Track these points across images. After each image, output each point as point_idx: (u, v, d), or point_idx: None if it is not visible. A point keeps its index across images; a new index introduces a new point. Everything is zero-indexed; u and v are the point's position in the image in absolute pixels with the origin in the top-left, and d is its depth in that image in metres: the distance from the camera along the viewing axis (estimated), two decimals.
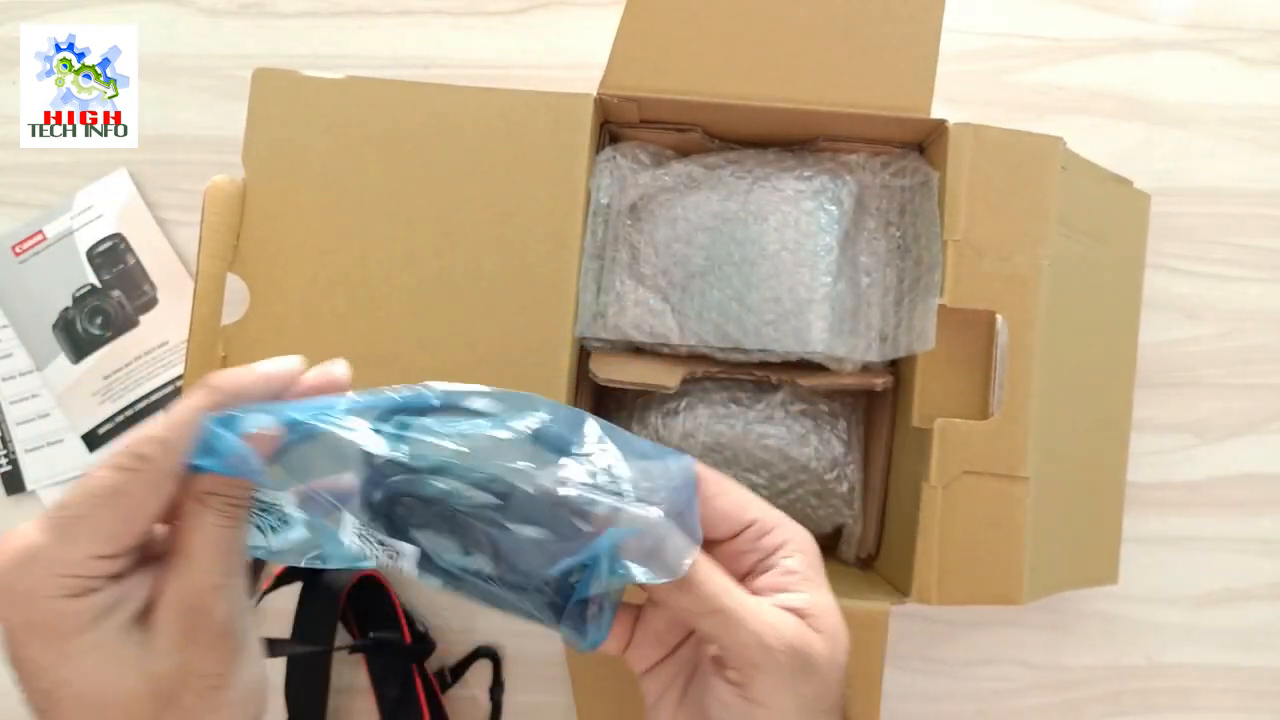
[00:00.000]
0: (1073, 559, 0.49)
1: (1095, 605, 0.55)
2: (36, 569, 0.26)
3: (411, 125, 0.45)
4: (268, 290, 0.45)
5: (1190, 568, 0.55)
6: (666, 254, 0.48)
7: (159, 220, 0.58)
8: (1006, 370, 0.44)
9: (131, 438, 0.27)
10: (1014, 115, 0.57)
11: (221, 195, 0.44)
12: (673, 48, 0.45)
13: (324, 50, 0.58)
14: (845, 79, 0.44)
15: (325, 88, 0.45)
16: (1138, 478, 0.54)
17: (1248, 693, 0.55)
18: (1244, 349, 0.56)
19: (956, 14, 0.45)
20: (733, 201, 0.48)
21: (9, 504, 0.57)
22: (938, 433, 0.43)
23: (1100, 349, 0.50)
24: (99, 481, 0.26)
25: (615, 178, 0.48)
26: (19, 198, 0.58)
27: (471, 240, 0.45)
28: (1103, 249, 0.49)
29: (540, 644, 0.55)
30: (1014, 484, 0.43)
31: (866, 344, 0.47)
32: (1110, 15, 0.57)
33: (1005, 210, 0.44)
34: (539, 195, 0.45)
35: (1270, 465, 0.56)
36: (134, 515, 0.27)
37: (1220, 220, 0.57)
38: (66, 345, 0.57)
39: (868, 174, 0.49)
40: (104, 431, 0.56)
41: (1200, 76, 0.57)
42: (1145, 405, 0.54)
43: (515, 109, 0.45)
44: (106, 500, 0.26)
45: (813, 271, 0.47)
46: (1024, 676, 0.55)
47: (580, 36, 0.57)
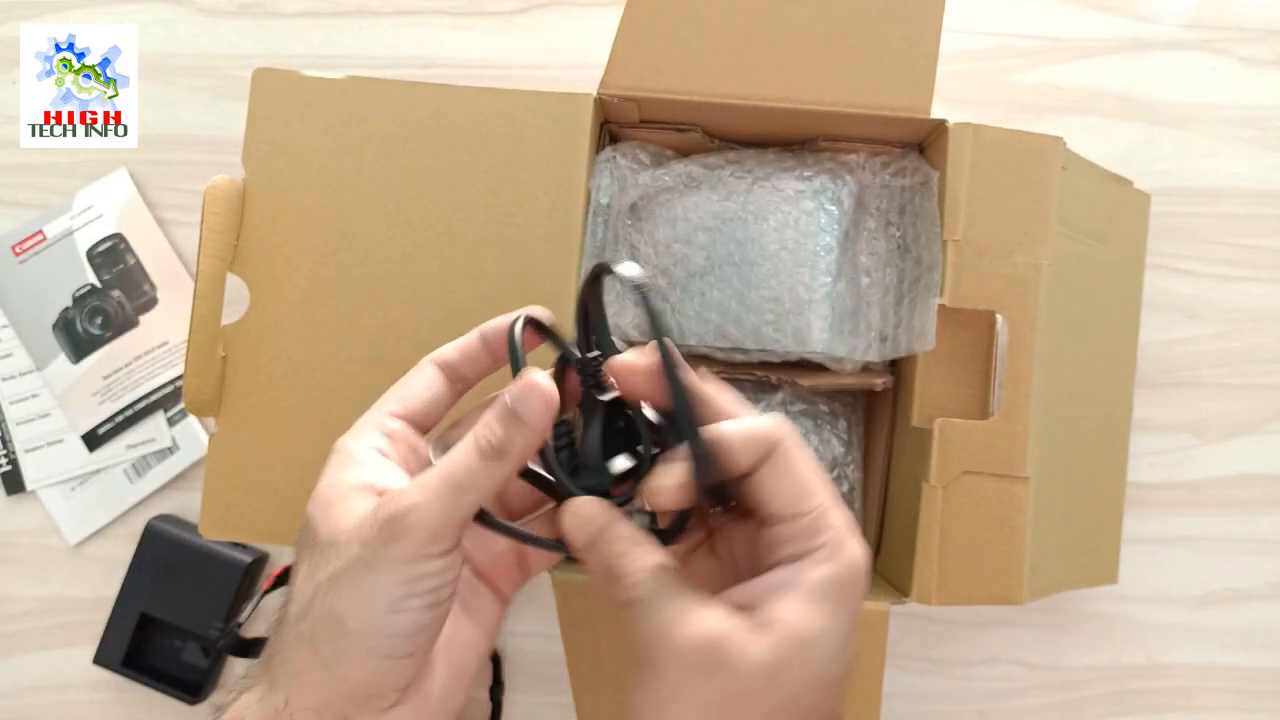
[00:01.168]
0: (1073, 559, 0.49)
1: (1095, 605, 0.55)
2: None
3: (411, 125, 0.45)
4: (268, 290, 0.45)
5: (1190, 568, 0.55)
6: (666, 254, 0.48)
7: (159, 220, 0.58)
8: (1006, 370, 0.44)
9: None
10: (1014, 115, 0.57)
11: (221, 195, 0.44)
12: (673, 48, 0.45)
13: (324, 50, 0.58)
14: (845, 79, 0.44)
15: (325, 88, 0.45)
16: (1138, 478, 0.54)
17: (1248, 693, 0.55)
18: (1244, 349, 0.56)
19: (956, 14, 0.45)
20: (733, 201, 0.48)
21: (9, 504, 0.57)
22: (938, 433, 0.43)
23: (1100, 349, 0.50)
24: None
25: (615, 178, 0.48)
26: (19, 198, 0.58)
27: (471, 240, 0.45)
28: (1103, 249, 0.49)
29: (540, 644, 0.55)
30: (1014, 484, 0.43)
31: (866, 344, 0.47)
32: (1110, 15, 0.57)
33: (1005, 210, 0.44)
34: (539, 195, 0.45)
35: (1270, 465, 0.56)
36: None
37: (1220, 220, 0.57)
38: (66, 345, 0.57)
39: (868, 174, 0.49)
40: (104, 431, 0.56)
41: (1200, 76, 0.57)
42: (1145, 405, 0.54)
43: (515, 109, 0.45)
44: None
45: (813, 271, 0.47)
46: (1024, 676, 0.55)
47: (580, 36, 0.57)
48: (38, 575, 0.57)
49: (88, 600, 0.56)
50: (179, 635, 0.55)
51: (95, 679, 0.55)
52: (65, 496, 0.57)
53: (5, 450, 0.57)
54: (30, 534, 0.57)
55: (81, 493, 0.57)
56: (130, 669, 0.54)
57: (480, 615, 0.33)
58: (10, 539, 0.57)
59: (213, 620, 0.53)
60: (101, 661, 0.54)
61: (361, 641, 0.27)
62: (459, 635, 0.32)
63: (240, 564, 0.54)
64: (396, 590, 0.27)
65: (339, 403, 0.44)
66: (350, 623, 0.27)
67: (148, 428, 0.57)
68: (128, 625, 0.54)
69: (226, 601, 0.53)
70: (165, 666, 0.55)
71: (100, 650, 0.54)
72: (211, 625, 0.53)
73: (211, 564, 0.54)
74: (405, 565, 0.27)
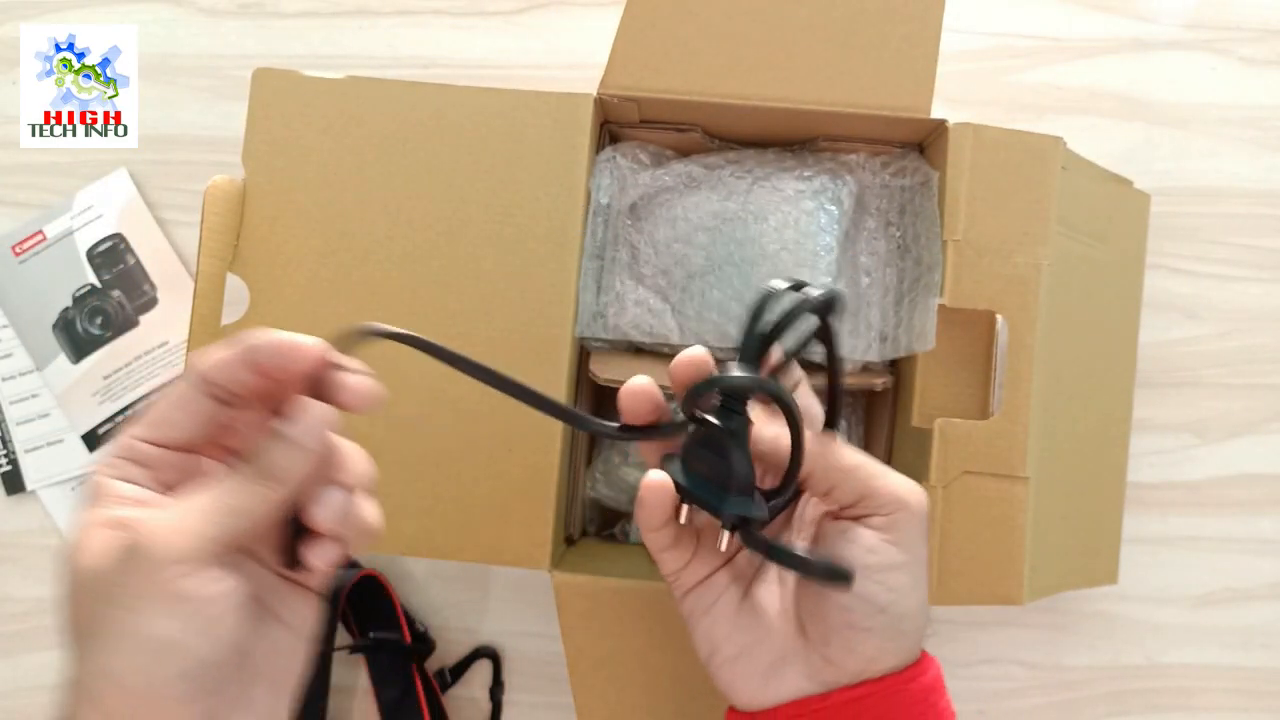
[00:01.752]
0: (1073, 559, 0.49)
1: (1095, 605, 0.55)
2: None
3: (411, 125, 0.45)
4: (268, 290, 0.45)
5: (1190, 568, 0.55)
6: (666, 254, 0.48)
7: (159, 220, 0.58)
8: (1006, 370, 0.44)
9: None
10: (1014, 115, 0.57)
11: (221, 195, 0.44)
12: (673, 48, 0.45)
13: (324, 50, 0.58)
14: (845, 79, 0.44)
15: (325, 88, 0.45)
16: (1138, 478, 0.54)
17: (1248, 693, 0.55)
18: (1244, 349, 0.56)
19: (956, 14, 0.45)
20: (733, 201, 0.48)
21: (9, 504, 0.57)
22: (938, 433, 0.43)
23: (1100, 349, 0.50)
24: None
25: (615, 178, 0.48)
26: (19, 198, 0.58)
27: (471, 240, 0.45)
28: (1103, 249, 0.49)
29: (540, 644, 0.55)
30: (1014, 484, 0.43)
31: (866, 344, 0.47)
32: (1110, 15, 0.57)
33: (1005, 210, 0.44)
34: (539, 195, 0.45)
35: (1270, 465, 0.56)
36: None
37: (1220, 220, 0.57)
38: (66, 345, 0.57)
39: (868, 174, 0.49)
40: (104, 431, 0.56)
41: (1200, 76, 0.57)
42: (1145, 405, 0.54)
43: (515, 109, 0.45)
44: None
45: (813, 271, 0.47)
46: (1024, 676, 0.55)
47: (580, 36, 0.57)
48: (38, 575, 0.57)
49: None
50: None
51: None
52: (65, 496, 0.57)
53: (5, 450, 0.57)
54: (30, 534, 0.57)
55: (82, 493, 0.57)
56: None
57: (293, 617, 0.31)
58: (10, 539, 0.57)
59: None
60: None
61: (146, 696, 0.25)
62: (274, 646, 0.30)
63: None
64: (159, 626, 0.25)
65: None
66: (127, 679, 0.25)
67: None
68: None
69: None
70: None
71: None
72: None
73: None
74: (154, 598, 0.25)
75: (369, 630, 0.53)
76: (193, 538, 0.26)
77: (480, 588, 0.55)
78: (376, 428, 0.44)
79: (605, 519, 0.55)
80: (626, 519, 0.54)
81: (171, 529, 0.26)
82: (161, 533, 0.26)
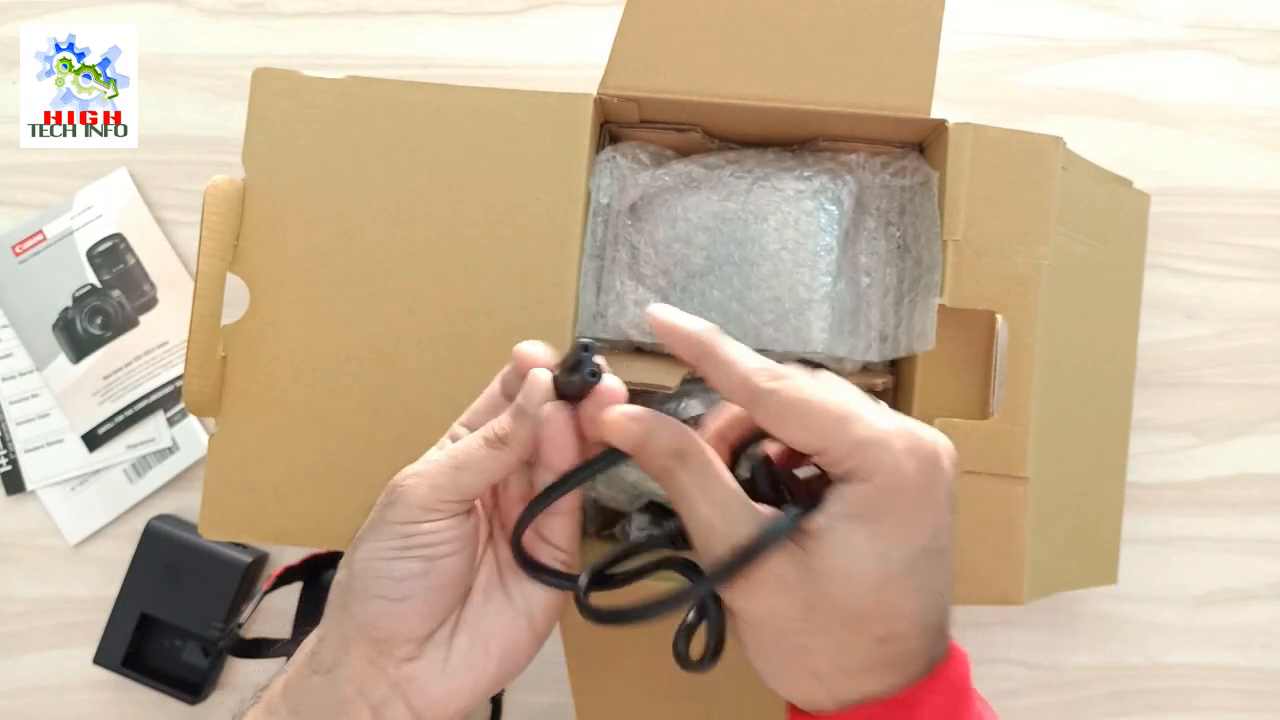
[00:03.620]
0: (1073, 559, 0.49)
1: (1095, 605, 0.55)
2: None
3: (411, 125, 0.45)
4: (268, 290, 0.45)
5: (1190, 568, 0.55)
6: (666, 254, 0.48)
7: (159, 220, 0.58)
8: (1006, 370, 0.44)
9: None
10: (1014, 115, 0.57)
11: (221, 195, 0.44)
12: (673, 48, 0.45)
13: (324, 50, 0.58)
14: (845, 79, 0.44)
15: (325, 88, 0.45)
16: (1138, 478, 0.54)
17: (1248, 693, 0.55)
18: (1244, 349, 0.56)
19: (956, 14, 0.45)
20: (733, 201, 0.48)
21: (9, 504, 0.57)
22: None
23: (1100, 349, 0.50)
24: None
25: (615, 178, 0.48)
26: (19, 198, 0.58)
27: (471, 240, 0.45)
28: (1103, 249, 0.49)
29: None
30: (1014, 484, 0.43)
31: (866, 344, 0.47)
32: (1110, 15, 0.57)
33: (1005, 210, 0.44)
34: (539, 195, 0.45)
35: (1270, 465, 0.56)
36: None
37: (1220, 220, 0.57)
38: (66, 345, 0.57)
39: (868, 174, 0.49)
40: (104, 431, 0.56)
41: (1200, 76, 0.57)
42: (1145, 405, 0.54)
43: (515, 109, 0.45)
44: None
45: (812, 271, 0.47)
46: (1024, 676, 0.55)
47: (580, 36, 0.57)
48: (38, 575, 0.57)
49: (88, 600, 0.56)
50: (179, 635, 0.55)
51: (95, 679, 0.55)
52: (65, 496, 0.57)
53: (5, 450, 0.57)
54: (30, 534, 0.57)
55: (81, 493, 0.57)
56: (130, 669, 0.54)
57: (523, 602, 0.34)
58: (10, 539, 0.57)
59: (213, 620, 0.53)
60: (101, 661, 0.54)
61: (360, 583, 0.32)
62: (494, 616, 0.34)
63: (240, 564, 0.54)
64: (390, 545, 0.32)
65: (339, 403, 0.44)
66: (355, 567, 0.32)
67: (148, 428, 0.57)
68: (128, 625, 0.54)
69: (226, 601, 0.53)
70: (165, 666, 0.55)
71: (100, 650, 0.54)
72: (211, 625, 0.53)
73: (211, 564, 0.54)
74: (398, 526, 0.32)
75: None
76: (428, 487, 0.32)
77: None
78: (378, 428, 0.44)
79: (605, 519, 0.55)
80: (626, 519, 0.54)
81: (418, 479, 0.32)
82: (410, 481, 0.32)
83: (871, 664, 0.29)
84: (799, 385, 0.29)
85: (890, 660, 0.29)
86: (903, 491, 0.28)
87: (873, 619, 0.28)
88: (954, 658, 0.31)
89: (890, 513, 0.28)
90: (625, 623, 0.30)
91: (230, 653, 0.49)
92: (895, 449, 0.28)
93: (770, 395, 0.29)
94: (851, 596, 0.28)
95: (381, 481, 0.33)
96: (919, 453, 0.28)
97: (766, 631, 0.30)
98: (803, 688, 0.30)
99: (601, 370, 0.31)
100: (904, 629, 0.29)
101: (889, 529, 0.28)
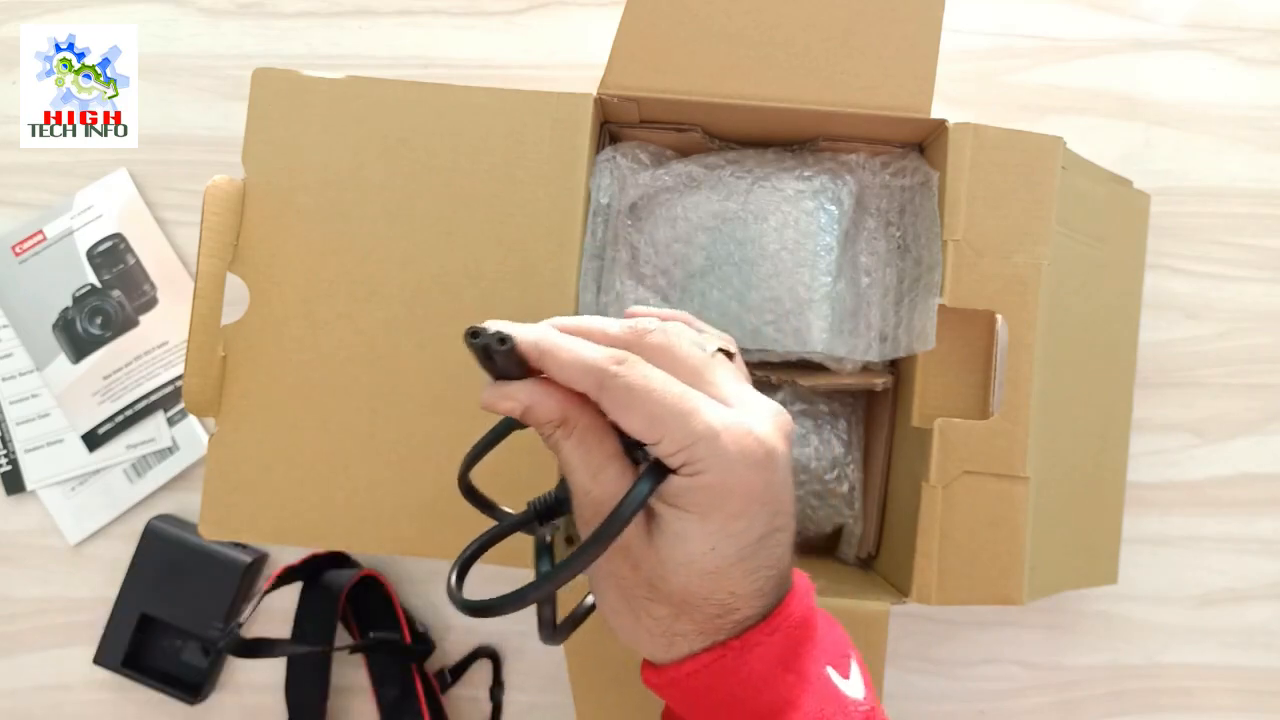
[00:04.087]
0: (1073, 559, 0.49)
1: (1095, 605, 0.55)
2: None
3: (411, 125, 0.45)
4: (268, 290, 0.45)
5: (1190, 568, 0.55)
6: (666, 254, 0.48)
7: (159, 220, 0.58)
8: (1006, 370, 0.44)
9: None
10: (1014, 115, 0.57)
11: (221, 195, 0.44)
12: (673, 48, 0.45)
13: (324, 50, 0.58)
14: (845, 79, 0.44)
15: (325, 88, 0.45)
16: (1138, 478, 0.54)
17: (1248, 693, 0.55)
18: (1244, 349, 0.56)
19: (956, 14, 0.45)
20: (733, 201, 0.48)
21: (9, 504, 0.57)
22: (938, 432, 0.43)
23: (1100, 349, 0.50)
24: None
25: (615, 178, 0.48)
26: (19, 198, 0.58)
27: (471, 240, 0.45)
28: (1103, 249, 0.49)
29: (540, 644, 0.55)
30: (1014, 484, 0.43)
31: (866, 344, 0.47)
32: (1110, 15, 0.57)
33: (1005, 210, 0.44)
34: (539, 195, 0.45)
35: (1270, 465, 0.56)
36: None
37: (1220, 220, 0.57)
38: (66, 345, 0.57)
39: (868, 174, 0.49)
40: (104, 431, 0.56)
41: (1200, 76, 0.57)
42: (1145, 405, 0.54)
43: (515, 109, 0.45)
44: None
45: (812, 271, 0.47)
46: (1024, 676, 0.55)
47: (580, 36, 0.57)
48: (38, 575, 0.57)
49: (88, 600, 0.56)
50: (179, 635, 0.55)
51: (95, 679, 0.55)
52: (65, 496, 0.57)
53: (5, 450, 0.57)
54: (30, 534, 0.57)
55: (81, 493, 0.57)
56: (130, 669, 0.54)
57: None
58: (10, 539, 0.57)
59: (213, 620, 0.53)
60: (101, 661, 0.54)
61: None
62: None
63: (240, 564, 0.54)
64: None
65: (339, 403, 0.44)
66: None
67: (148, 428, 0.57)
68: (128, 625, 0.54)
69: (226, 601, 0.53)
70: (165, 666, 0.55)
71: (100, 650, 0.54)
72: (211, 625, 0.53)
73: (211, 564, 0.54)
74: None
75: (369, 630, 0.53)
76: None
77: (481, 588, 0.55)
78: (378, 428, 0.44)
79: None
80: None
81: None
82: None
83: (705, 629, 0.30)
84: (642, 373, 0.28)
85: (725, 626, 0.31)
86: (732, 491, 0.28)
87: (707, 601, 0.30)
88: (793, 594, 0.32)
89: (720, 510, 0.29)
90: (493, 613, 0.31)
91: (230, 653, 0.49)
92: (726, 450, 0.28)
93: (613, 380, 0.28)
94: (685, 582, 0.30)
95: (381, 481, 0.33)
96: (749, 456, 0.28)
97: (614, 590, 0.32)
98: (644, 643, 0.32)
99: (509, 335, 0.30)
100: (738, 604, 0.30)
101: (718, 524, 0.29)
